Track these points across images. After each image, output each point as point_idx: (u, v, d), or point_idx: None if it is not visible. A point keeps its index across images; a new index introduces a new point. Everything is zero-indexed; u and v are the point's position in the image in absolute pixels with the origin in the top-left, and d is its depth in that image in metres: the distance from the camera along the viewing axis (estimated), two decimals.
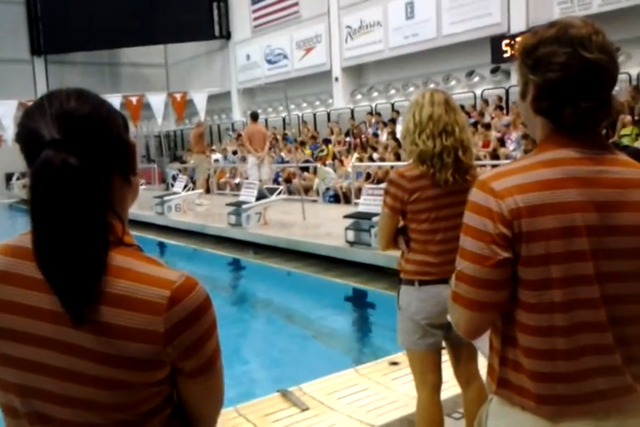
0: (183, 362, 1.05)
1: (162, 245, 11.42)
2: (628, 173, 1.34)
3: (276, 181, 15.42)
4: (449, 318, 1.50)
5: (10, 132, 15.47)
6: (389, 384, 3.77)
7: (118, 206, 1.08)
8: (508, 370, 1.40)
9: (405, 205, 2.56)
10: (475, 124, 12.43)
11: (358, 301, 7.29)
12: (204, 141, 14.74)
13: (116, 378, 1.00)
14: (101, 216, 1.00)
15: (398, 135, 13.46)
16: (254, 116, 13.43)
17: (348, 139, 16.06)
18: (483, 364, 2.39)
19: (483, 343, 1.73)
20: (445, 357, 2.83)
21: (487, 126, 12.21)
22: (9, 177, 24.30)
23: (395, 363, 4.05)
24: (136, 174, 1.14)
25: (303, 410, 3.44)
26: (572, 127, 1.33)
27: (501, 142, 11.12)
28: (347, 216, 8.22)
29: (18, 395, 1.04)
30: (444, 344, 2.75)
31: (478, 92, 14.85)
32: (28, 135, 1.03)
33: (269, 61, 22.05)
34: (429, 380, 2.69)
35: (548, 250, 1.29)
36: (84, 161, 0.98)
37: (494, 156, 10.87)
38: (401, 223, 2.66)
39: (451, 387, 3.15)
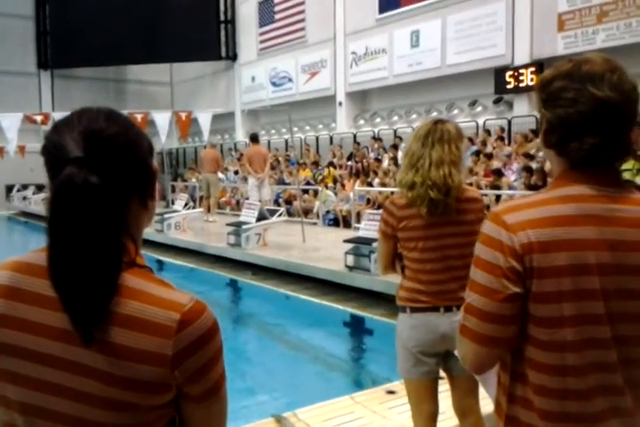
0: (189, 386, 1.04)
1: (160, 263, 11.38)
2: None
3: (276, 202, 15.45)
4: (456, 352, 1.50)
5: (13, 144, 15.51)
6: (385, 413, 3.73)
7: (133, 228, 1.09)
8: (517, 407, 1.37)
9: (396, 232, 2.61)
10: (477, 154, 12.51)
11: (356, 327, 7.24)
12: (219, 162, 14.85)
13: (123, 399, 1.00)
14: (117, 237, 1.01)
15: (400, 161, 13.55)
16: (254, 138, 13.48)
17: (349, 163, 16.14)
18: (483, 398, 2.39)
19: (486, 379, 1.72)
20: (445, 386, 2.82)
21: (489, 156, 12.29)
22: (9, 189, 24.33)
23: (391, 392, 4.02)
24: (154, 198, 1.15)
25: None
26: (583, 163, 1.33)
27: (498, 173, 11.19)
28: (347, 241, 8.22)
29: (21, 413, 1.03)
30: (442, 374, 2.75)
31: (481, 121, 14.96)
32: (52, 150, 1.04)
33: (274, 84, 22.24)
34: (424, 409, 2.68)
35: (560, 287, 1.27)
36: (105, 181, 0.99)
37: (494, 186, 10.92)
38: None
39: (448, 418, 3.13)
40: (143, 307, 1.00)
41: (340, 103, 19.28)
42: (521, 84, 13.65)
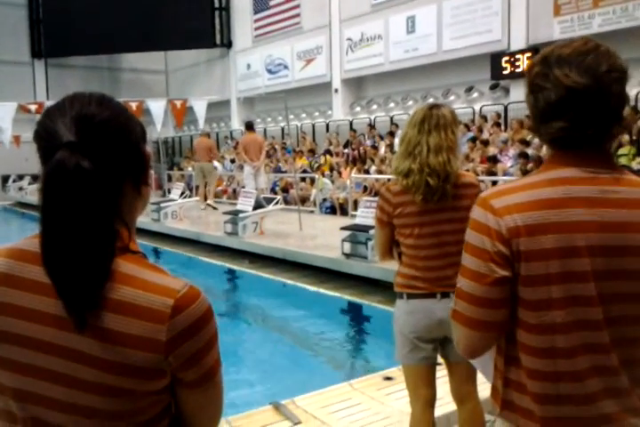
0: (183, 372, 1.04)
1: (157, 252, 11.38)
2: (635, 193, 1.32)
3: (273, 190, 15.43)
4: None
5: (8, 134, 15.41)
6: (383, 399, 3.75)
7: (127, 214, 1.09)
8: (511, 391, 1.38)
9: (392, 218, 2.61)
10: (473, 140, 12.49)
11: (353, 314, 7.26)
12: (213, 151, 14.80)
13: (117, 385, 1.00)
14: (110, 222, 1.00)
15: (396, 148, 13.52)
16: (249, 126, 13.44)
17: (346, 150, 16.11)
18: (482, 383, 2.40)
19: (483, 364, 1.71)
20: (442, 372, 2.83)
21: (485, 143, 12.27)
22: (5, 179, 24.25)
23: (389, 378, 4.04)
24: (148, 184, 1.15)
25: (295, 424, 3.42)
26: (561, 145, 1.34)
27: (494, 160, 11.19)
28: (343, 228, 8.22)
29: (16, 399, 1.03)
30: (440, 360, 2.76)
31: (477, 107, 14.93)
32: (44, 135, 1.03)
33: (270, 71, 22.13)
34: (422, 395, 2.68)
35: (547, 270, 1.28)
36: (97, 166, 0.99)
37: (490, 172, 10.93)
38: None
39: (446, 404, 3.14)
40: (136, 292, 1.00)
41: (336, 90, 19.21)
42: (517, 70, 13.60)
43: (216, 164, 19.06)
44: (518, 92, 13.77)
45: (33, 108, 14.48)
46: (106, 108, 1.06)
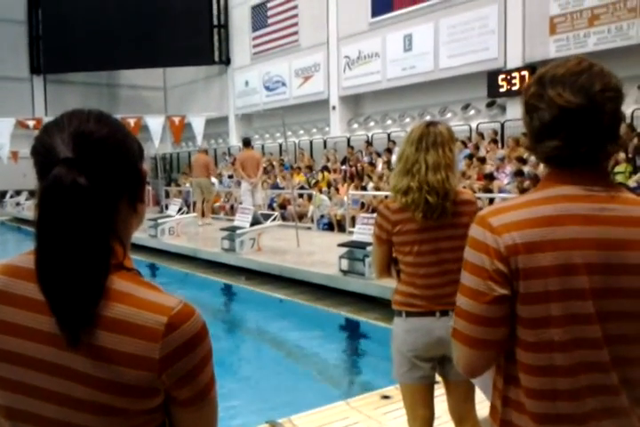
0: (177, 390, 1.03)
1: (154, 268, 11.35)
2: (632, 211, 1.31)
3: (270, 206, 15.43)
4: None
5: (6, 149, 15.43)
6: (380, 419, 3.72)
7: (122, 231, 1.08)
8: (510, 411, 1.37)
9: (391, 236, 2.60)
10: (470, 157, 12.53)
11: (350, 331, 7.23)
12: (211, 167, 14.90)
13: (110, 404, 0.98)
14: (105, 239, 1.00)
15: (394, 165, 13.56)
16: (246, 143, 13.53)
17: (343, 167, 16.15)
18: (480, 402, 2.38)
19: (483, 383, 1.70)
20: (440, 390, 2.80)
21: (482, 160, 12.31)
22: (2, 195, 24.22)
23: (386, 396, 4.01)
24: (143, 202, 1.15)
25: None
26: (556, 164, 1.35)
27: (490, 177, 11.24)
28: (341, 245, 8.21)
29: (8, 418, 1.02)
30: (439, 378, 2.74)
31: (474, 125, 15.00)
32: (42, 150, 1.03)
33: (268, 88, 22.25)
34: (420, 415, 2.66)
35: (546, 287, 1.27)
36: (93, 183, 0.98)
37: (487, 189, 10.95)
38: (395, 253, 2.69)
39: (444, 423, 3.11)
40: (130, 310, 0.99)
41: (334, 107, 19.30)
42: (513, 88, 13.69)
43: (214, 180, 19.13)
44: (515, 110, 13.86)
45: (31, 123, 14.49)
46: (104, 126, 1.06)
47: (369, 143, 16.75)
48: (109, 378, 0.98)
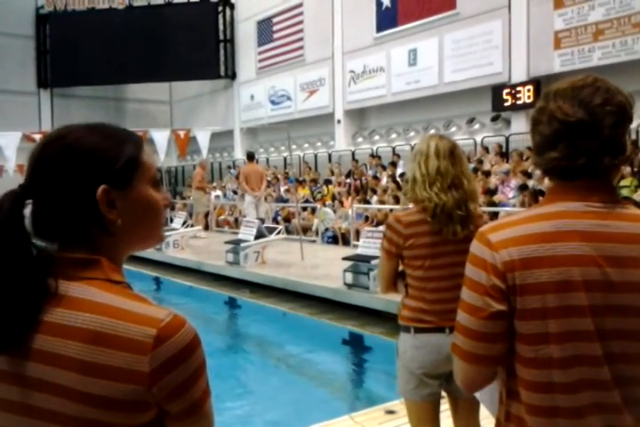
0: (169, 404, 1.00)
1: (158, 282, 11.34)
2: (632, 228, 1.30)
3: (275, 220, 15.44)
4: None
5: (12, 162, 15.53)
6: None
7: (104, 251, 1.07)
8: (512, 426, 1.36)
9: (401, 250, 2.55)
10: (475, 171, 12.53)
11: (355, 345, 7.18)
12: (205, 179, 14.99)
13: (99, 419, 0.96)
14: (37, 266, 1.00)
15: (398, 178, 13.56)
16: (250, 156, 13.60)
17: (348, 180, 16.17)
18: (485, 418, 2.35)
19: (486, 397, 1.69)
20: (445, 406, 2.78)
21: (487, 174, 12.31)
22: None
23: (391, 411, 3.97)
24: (113, 223, 1.07)
25: None
26: (557, 176, 1.36)
27: (491, 192, 11.24)
28: (345, 258, 8.19)
29: None
30: (444, 394, 2.71)
31: (478, 139, 15.02)
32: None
33: (273, 102, 22.35)
34: None
35: (544, 304, 1.26)
36: (38, 207, 1.03)
37: (491, 203, 10.94)
38: (401, 267, 2.65)
39: None
40: (114, 322, 0.97)
41: (339, 121, 19.37)
42: (518, 102, 13.73)
43: (218, 192, 19.18)
44: (519, 124, 13.88)
45: (38, 137, 14.58)
46: (54, 146, 1.05)
47: (373, 156, 16.78)
48: (97, 393, 0.95)
